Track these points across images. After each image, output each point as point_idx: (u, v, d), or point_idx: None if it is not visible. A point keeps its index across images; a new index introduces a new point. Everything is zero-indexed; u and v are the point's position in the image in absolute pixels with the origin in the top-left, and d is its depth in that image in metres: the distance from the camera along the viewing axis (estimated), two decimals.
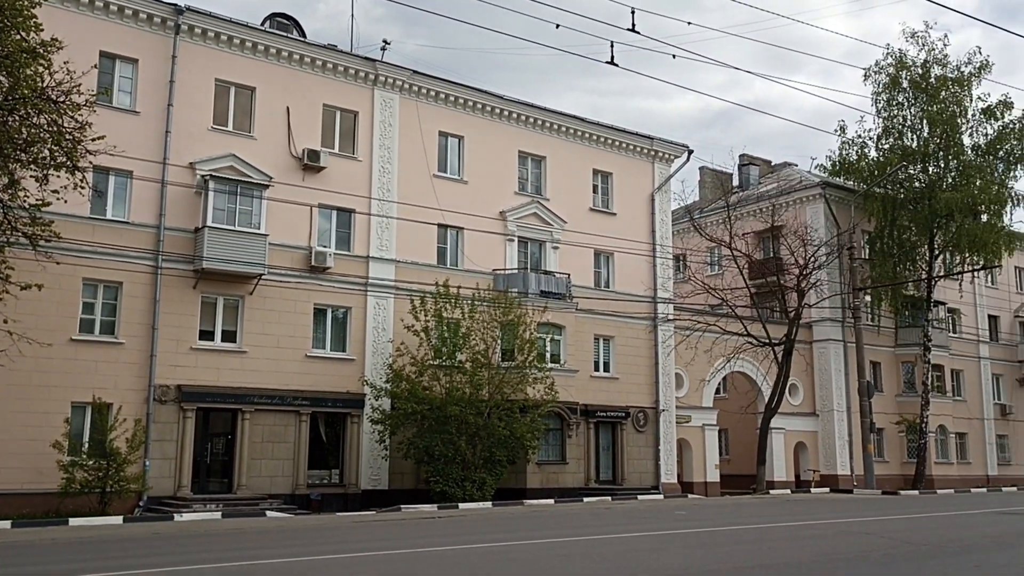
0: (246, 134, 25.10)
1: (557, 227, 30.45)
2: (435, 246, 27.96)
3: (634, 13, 18.32)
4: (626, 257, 31.61)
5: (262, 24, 26.88)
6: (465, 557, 12.29)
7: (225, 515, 20.62)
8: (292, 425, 24.68)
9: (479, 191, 28.93)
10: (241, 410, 23.87)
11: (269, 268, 24.20)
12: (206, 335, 23.86)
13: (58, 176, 18.23)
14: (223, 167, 24.21)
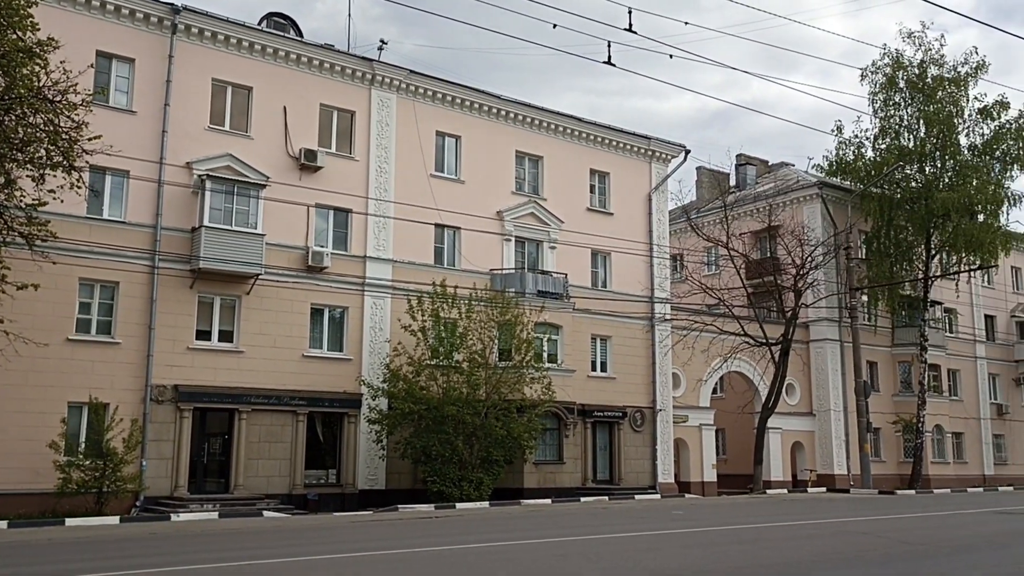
0: (243, 134, 25.09)
1: (554, 227, 30.46)
2: (432, 246, 27.96)
3: (631, 13, 18.31)
4: (623, 257, 31.63)
5: (259, 24, 26.88)
6: (462, 557, 12.29)
7: (222, 515, 20.62)
8: (289, 425, 24.68)
9: (476, 191, 28.93)
10: (238, 410, 23.85)
11: (266, 268, 24.19)
12: (203, 335, 23.84)
13: (54, 176, 18.22)
14: (220, 167, 24.19)
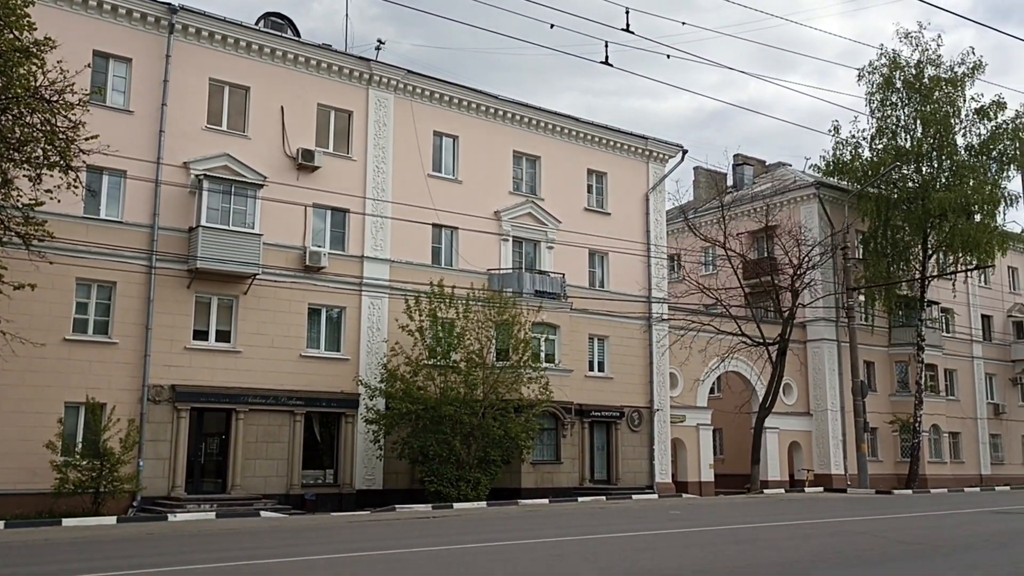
0: (240, 134, 25.07)
1: (552, 227, 30.46)
2: (430, 246, 27.96)
3: (628, 13, 18.34)
4: (621, 257, 31.64)
5: (256, 23, 26.87)
6: (460, 557, 12.29)
7: (219, 515, 20.60)
8: (286, 425, 24.66)
9: (474, 191, 28.93)
10: (235, 410, 23.84)
11: (263, 268, 24.17)
12: (200, 335, 23.82)
13: (51, 175, 18.22)
14: (217, 167, 24.17)
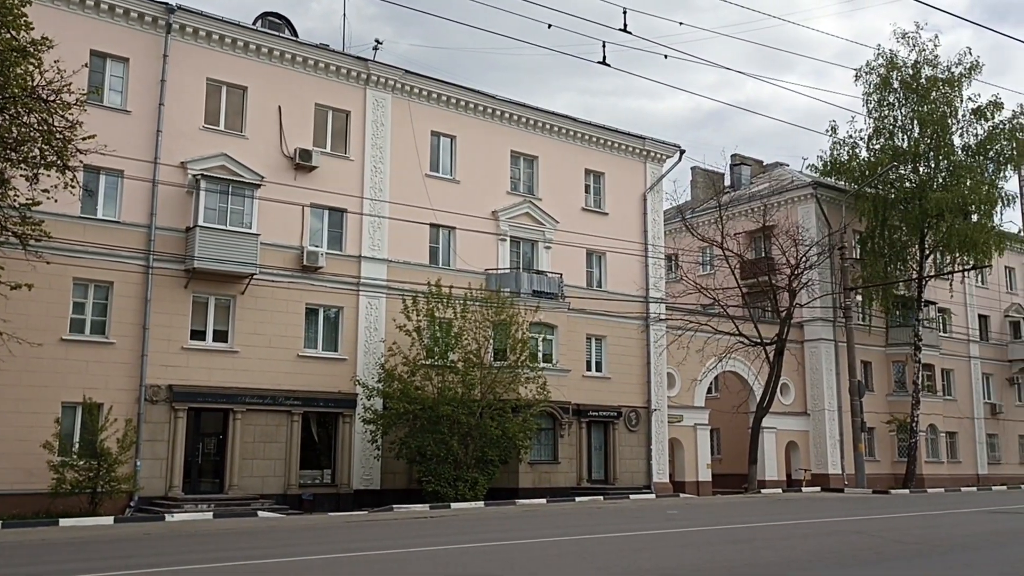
0: (238, 133, 25.04)
1: (549, 227, 30.47)
2: (427, 246, 27.95)
3: (626, 13, 18.36)
4: (618, 257, 31.65)
5: (254, 23, 26.86)
6: (457, 557, 12.28)
7: (216, 515, 20.58)
8: (284, 425, 24.64)
9: (471, 191, 28.92)
10: (232, 410, 23.82)
11: (261, 268, 24.15)
12: (197, 335, 23.80)
13: (48, 175, 18.19)
14: (214, 166, 24.15)
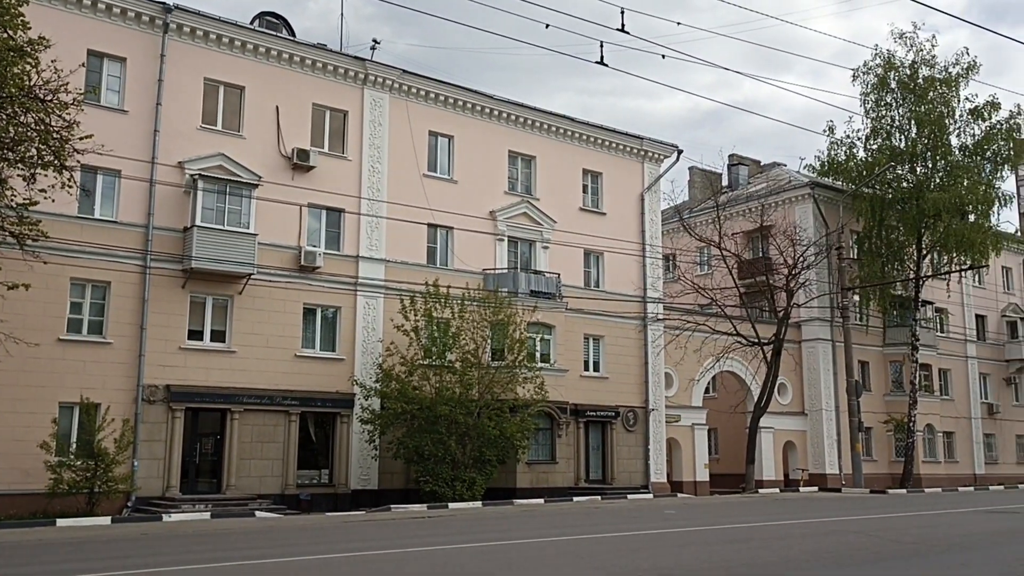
0: (235, 133, 25.02)
1: (547, 227, 30.47)
2: (425, 246, 27.94)
3: (623, 13, 18.35)
4: (616, 257, 31.66)
5: (251, 23, 26.84)
6: (455, 557, 12.29)
7: (214, 515, 20.56)
8: (281, 425, 24.63)
9: (469, 191, 28.92)
10: (230, 410, 23.80)
11: (258, 268, 24.13)
12: (195, 335, 23.77)
13: (45, 175, 18.18)
14: (212, 166, 24.13)
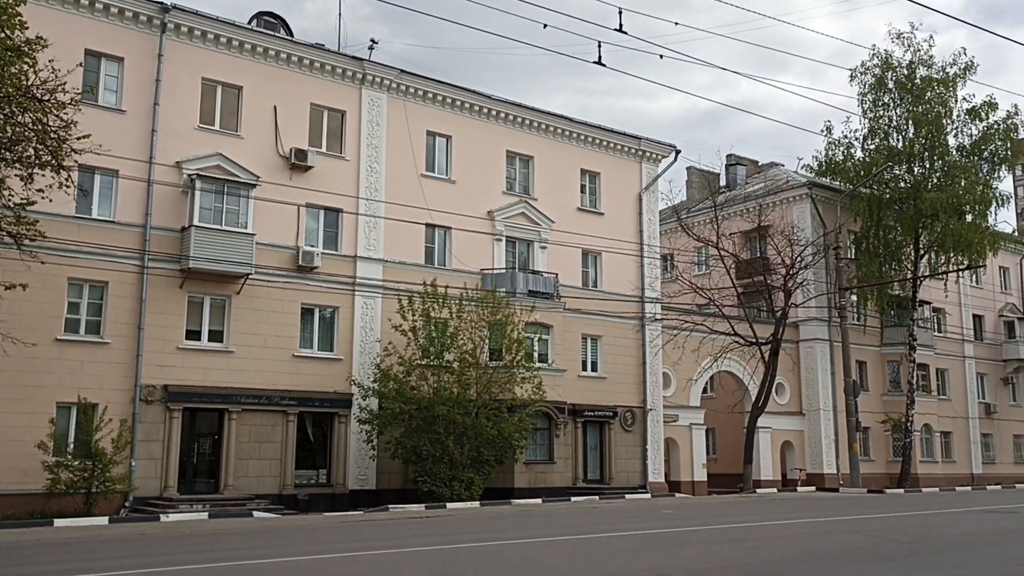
0: (233, 133, 25.01)
1: (545, 227, 30.48)
2: (423, 246, 27.94)
3: (621, 13, 18.36)
4: (614, 257, 31.67)
5: (249, 23, 26.81)
6: (453, 556, 12.29)
7: (212, 515, 20.56)
8: (279, 425, 24.62)
9: (467, 191, 28.92)
10: (228, 410, 23.79)
11: (256, 268, 24.12)
12: (192, 335, 23.76)
13: (43, 175, 18.16)
14: (210, 166, 24.12)
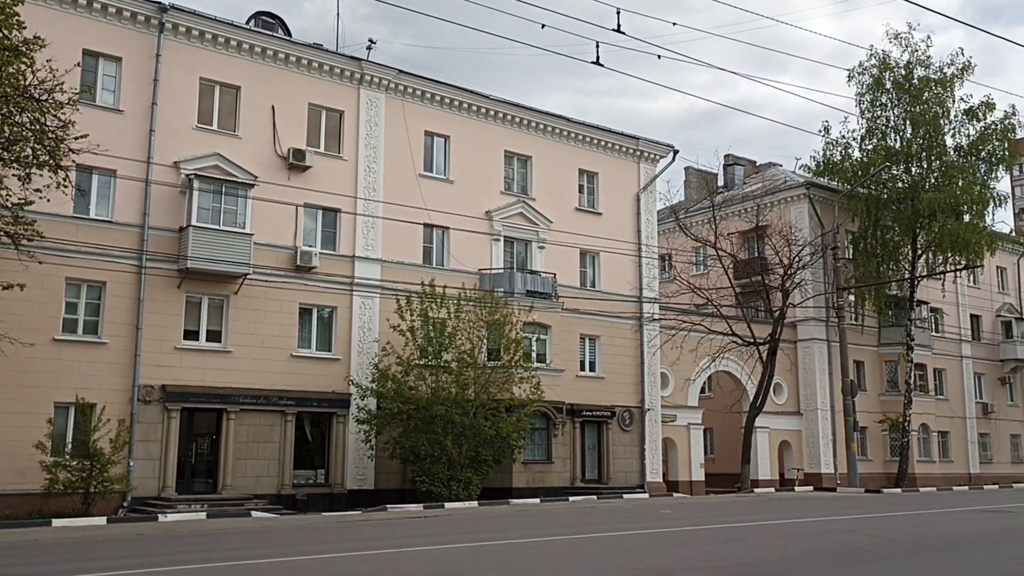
0: (231, 133, 25.01)
1: (543, 227, 30.49)
2: (421, 246, 27.94)
3: (619, 13, 18.36)
4: (612, 257, 31.69)
5: (247, 23, 26.82)
6: (451, 556, 12.30)
7: (210, 515, 20.56)
8: (277, 425, 24.62)
9: (465, 191, 28.93)
10: (226, 410, 23.78)
11: (254, 268, 24.12)
12: (190, 335, 23.76)
13: (41, 175, 18.16)
14: (208, 166, 24.12)
